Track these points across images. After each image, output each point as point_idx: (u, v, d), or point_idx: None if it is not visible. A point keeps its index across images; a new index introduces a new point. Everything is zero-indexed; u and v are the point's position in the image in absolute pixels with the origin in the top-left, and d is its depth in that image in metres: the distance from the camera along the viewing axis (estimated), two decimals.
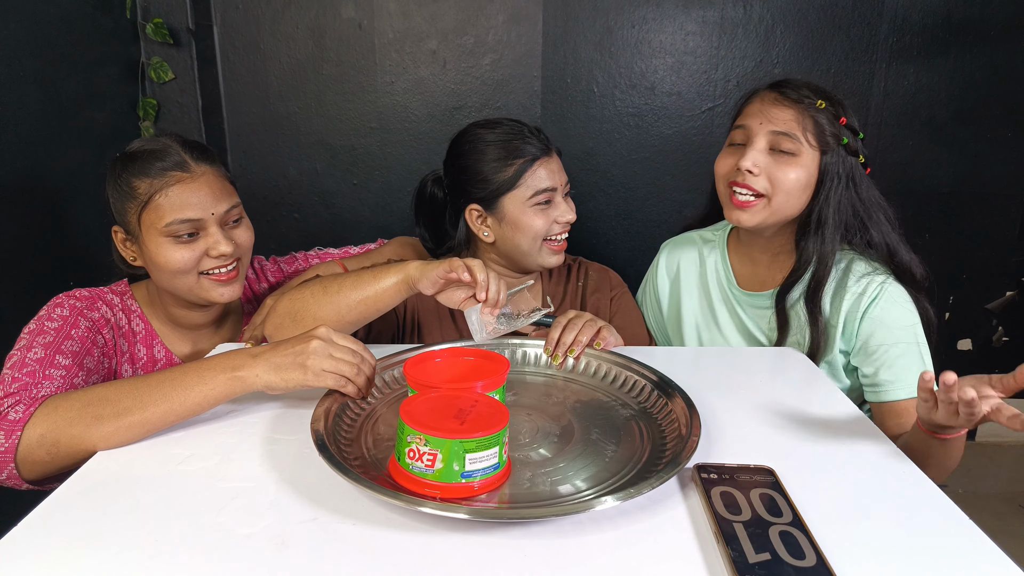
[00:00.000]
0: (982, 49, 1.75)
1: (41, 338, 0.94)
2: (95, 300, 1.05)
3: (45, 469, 0.79)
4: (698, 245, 1.25)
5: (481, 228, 1.16)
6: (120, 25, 1.66)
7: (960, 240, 1.91)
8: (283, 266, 1.30)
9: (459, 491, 0.65)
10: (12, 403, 0.80)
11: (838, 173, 1.04)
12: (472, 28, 1.75)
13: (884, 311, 1.04)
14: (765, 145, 1.04)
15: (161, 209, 0.99)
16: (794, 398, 0.91)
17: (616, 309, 1.25)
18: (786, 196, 1.04)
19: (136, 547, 0.59)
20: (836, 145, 1.03)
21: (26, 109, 1.35)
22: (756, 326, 1.16)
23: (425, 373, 0.80)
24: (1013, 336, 2.00)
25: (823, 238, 1.05)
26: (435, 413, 0.68)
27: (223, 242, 1.02)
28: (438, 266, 0.90)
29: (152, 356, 1.10)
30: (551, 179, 1.11)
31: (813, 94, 1.03)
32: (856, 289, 1.06)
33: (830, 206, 1.04)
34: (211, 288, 1.05)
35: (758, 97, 1.08)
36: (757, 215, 1.06)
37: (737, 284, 1.18)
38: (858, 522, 0.63)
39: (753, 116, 1.06)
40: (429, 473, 0.64)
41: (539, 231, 1.12)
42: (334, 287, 0.95)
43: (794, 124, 1.02)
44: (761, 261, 1.16)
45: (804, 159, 1.03)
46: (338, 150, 1.83)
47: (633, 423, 0.81)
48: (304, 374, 0.79)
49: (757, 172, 1.04)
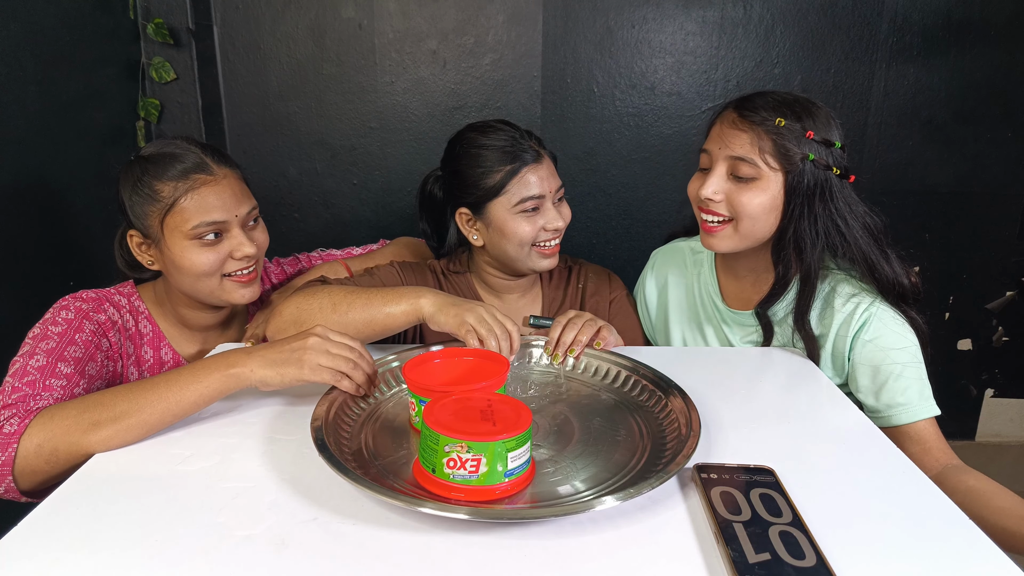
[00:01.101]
0: (982, 49, 1.75)
1: (45, 343, 0.94)
2: (102, 302, 1.05)
3: (44, 478, 0.79)
4: (687, 259, 1.24)
5: (471, 232, 1.16)
6: (120, 25, 1.66)
7: (960, 240, 1.92)
8: (286, 267, 1.30)
9: (503, 491, 0.65)
10: (7, 416, 0.80)
11: (807, 191, 0.99)
12: (472, 28, 1.75)
13: (875, 335, 1.01)
14: (724, 171, 1.01)
15: (187, 212, 0.99)
16: (794, 398, 0.91)
17: (615, 312, 1.24)
18: (751, 221, 1.01)
19: (136, 547, 0.59)
20: (802, 163, 0.98)
21: (26, 109, 1.35)
22: (742, 343, 1.14)
23: (425, 376, 0.79)
24: (1013, 336, 2.00)
25: (801, 256, 1.02)
26: (462, 419, 0.67)
27: (247, 243, 1.03)
28: (449, 319, 0.90)
29: (159, 358, 1.10)
30: (539, 186, 1.10)
31: (772, 112, 0.99)
32: (843, 314, 1.03)
33: (803, 224, 1.01)
34: (233, 290, 1.05)
35: (720, 119, 1.05)
36: (726, 240, 1.04)
37: (724, 301, 1.16)
38: (858, 522, 0.63)
39: (713, 140, 1.04)
40: (473, 479, 0.64)
41: (524, 238, 1.11)
42: (343, 304, 0.95)
43: (750, 148, 0.99)
44: (747, 279, 1.14)
45: (765, 182, 0.99)
46: (338, 150, 1.83)
47: (633, 423, 0.81)
48: (300, 369, 0.80)
49: (719, 199, 1.02)
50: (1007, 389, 2.06)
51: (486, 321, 0.88)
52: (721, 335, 1.16)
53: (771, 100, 1.01)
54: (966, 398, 2.07)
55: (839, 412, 0.86)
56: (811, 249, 1.01)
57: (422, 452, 0.67)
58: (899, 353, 1.00)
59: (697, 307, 1.19)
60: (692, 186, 1.07)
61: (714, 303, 1.17)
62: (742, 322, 1.14)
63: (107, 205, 1.05)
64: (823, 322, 1.05)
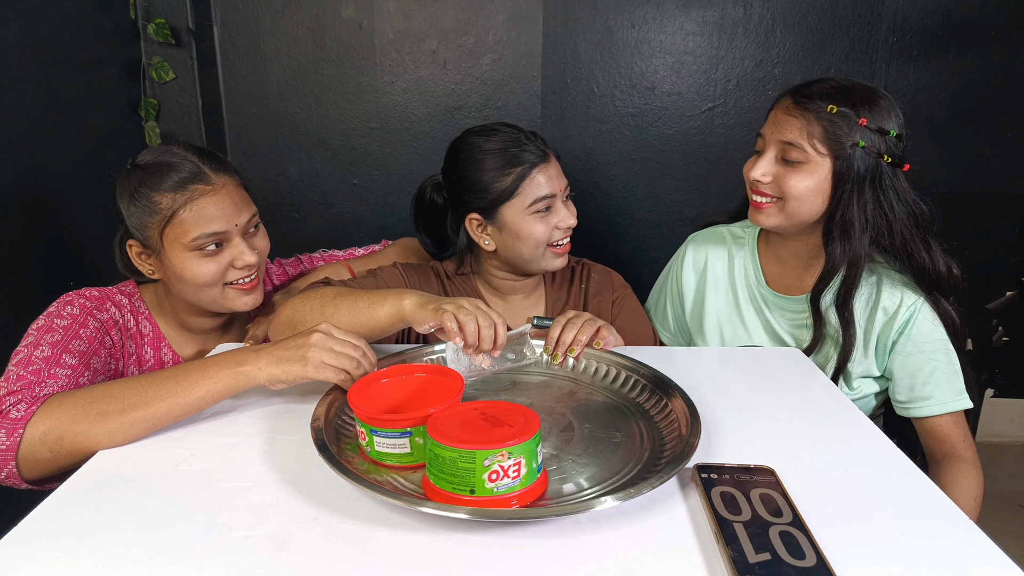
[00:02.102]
0: (982, 49, 1.75)
1: (49, 336, 0.94)
2: (104, 300, 1.05)
3: (46, 468, 0.79)
4: (727, 242, 1.25)
5: (482, 237, 1.15)
6: (120, 25, 1.66)
7: (960, 240, 1.91)
8: (287, 268, 1.30)
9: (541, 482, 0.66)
10: (14, 401, 0.80)
11: (856, 177, 1.02)
12: (472, 28, 1.75)
13: (916, 330, 1.06)
14: (775, 155, 1.06)
15: (186, 224, 0.98)
16: (794, 398, 0.91)
17: (619, 311, 1.24)
18: (798, 202, 1.05)
19: (136, 547, 0.59)
20: (851, 149, 1.01)
21: (26, 109, 1.35)
22: (783, 328, 1.16)
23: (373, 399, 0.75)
24: (1013, 336, 2.00)
25: (850, 241, 1.05)
26: (479, 430, 0.65)
27: (248, 252, 1.02)
28: (427, 313, 0.87)
29: (159, 359, 1.10)
30: (550, 185, 1.10)
31: (827, 100, 1.02)
32: (889, 306, 1.07)
33: (852, 209, 1.03)
34: (236, 298, 1.05)
35: (778, 104, 1.09)
36: (772, 217, 1.09)
37: (767, 284, 1.18)
38: (858, 522, 0.63)
39: (769, 124, 1.08)
40: (517, 484, 0.63)
41: (540, 238, 1.11)
42: (331, 307, 0.95)
43: (800, 134, 1.03)
44: (790, 263, 1.17)
45: (812, 167, 1.03)
46: (338, 150, 1.83)
47: (633, 423, 0.81)
48: (304, 366, 0.80)
49: (767, 180, 1.07)
50: (1007, 389, 2.06)
51: (466, 308, 0.85)
52: (762, 317, 1.18)
53: (829, 87, 1.04)
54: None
55: (839, 412, 0.86)
56: (859, 234, 1.04)
57: (444, 480, 0.63)
58: (936, 349, 1.06)
59: (738, 288, 1.21)
60: (747, 166, 1.12)
61: (756, 285, 1.18)
62: (784, 306, 1.16)
63: (107, 205, 1.05)
64: (869, 315, 1.09)
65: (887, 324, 1.07)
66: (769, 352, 1.08)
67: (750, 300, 1.20)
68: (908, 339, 1.06)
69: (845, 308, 1.07)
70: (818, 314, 1.10)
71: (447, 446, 0.62)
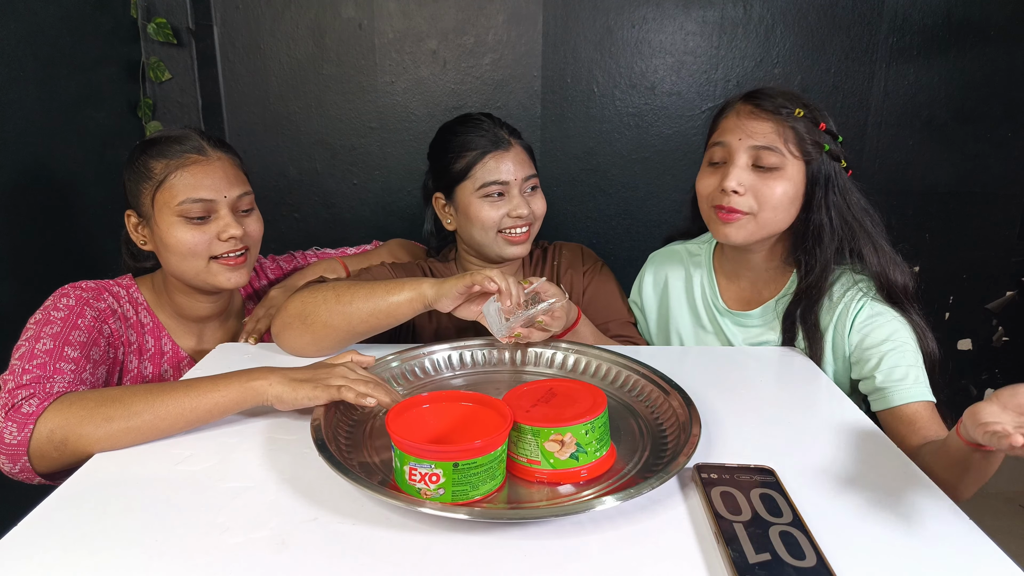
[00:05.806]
0: (982, 49, 1.75)
1: (48, 328, 0.94)
2: (101, 291, 1.05)
3: (53, 465, 0.80)
4: (684, 260, 1.23)
5: (445, 216, 1.22)
6: (120, 25, 1.66)
7: (960, 240, 1.91)
8: (282, 263, 1.32)
9: (609, 458, 0.72)
10: (26, 395, 0.81)
11: (826, 180, 1.01)
12: (472, 28, 1.75)
13: (869, 317, 1.01)
14: (747, 161, 1.00)
15: (175, 188, 1.01)
16: (794, 398, 0.91)
17: (589, 282, 1.27)
18: (773, 212, 1.01)
19: (136, 547, 0.59)
20: (819, 153, 1.00)
21: (26, 109, 1.35)
22: (743, 344, 1.14)
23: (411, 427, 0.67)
24: (1013, 336, 2.00)
25: (822, 248, 1.03)
26: (550, 407, 0.72)
27: (233, 225, 1.04)
28: (458, 282, 0.90)
29: (159, 348, 1.11)
30: (503, 173, 1.13)
31: (789, 103, 1.00)
32: (839, 301, 1.04)
33: (823, 214, 1.02)
34: (219, 272, 1.05)
35: (733, 111, 1.04)
36: (743, 229, 1.03)
37: (723, 302, 1.16)
38: (858, 522, 0.63)
39: (731, 132, 1.02)
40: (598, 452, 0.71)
41: (487, 223, 1.14)
42: (347, 296, 0.95)
43: (775, 136, 0.99)
44: (746, 278, 1.14)
45: (789, 171, 1.00)
46: (338, 150, 1.83)
47: (633, 423, 0.81)
48: (314, 387, 0.79)
49: (743, 191, 1.00)
50: None
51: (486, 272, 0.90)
52: (722, 336, 1.16)
53: (784, 92, 1.02)
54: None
55: (839, 412, 0.86)
56: (829, 240, 1.03)
57: (544, 455, 0.68)
58: (895, 333, 1.01)
59: (698, 306, 1.19)
60: (706, 183, 1.05)
61: (715, 304, 1.17)
62: (741, 322, 1.14)
63: (107, 205, 1.06)
64: (824, 314, 1.06)
65: (841, 316, 1.03)
66: (769, 352, 1.08)
67: (710, 319, 1.18)
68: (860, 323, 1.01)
69: (808, 317, 1.04)
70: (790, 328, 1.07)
71: (541, 427, 0.68)
